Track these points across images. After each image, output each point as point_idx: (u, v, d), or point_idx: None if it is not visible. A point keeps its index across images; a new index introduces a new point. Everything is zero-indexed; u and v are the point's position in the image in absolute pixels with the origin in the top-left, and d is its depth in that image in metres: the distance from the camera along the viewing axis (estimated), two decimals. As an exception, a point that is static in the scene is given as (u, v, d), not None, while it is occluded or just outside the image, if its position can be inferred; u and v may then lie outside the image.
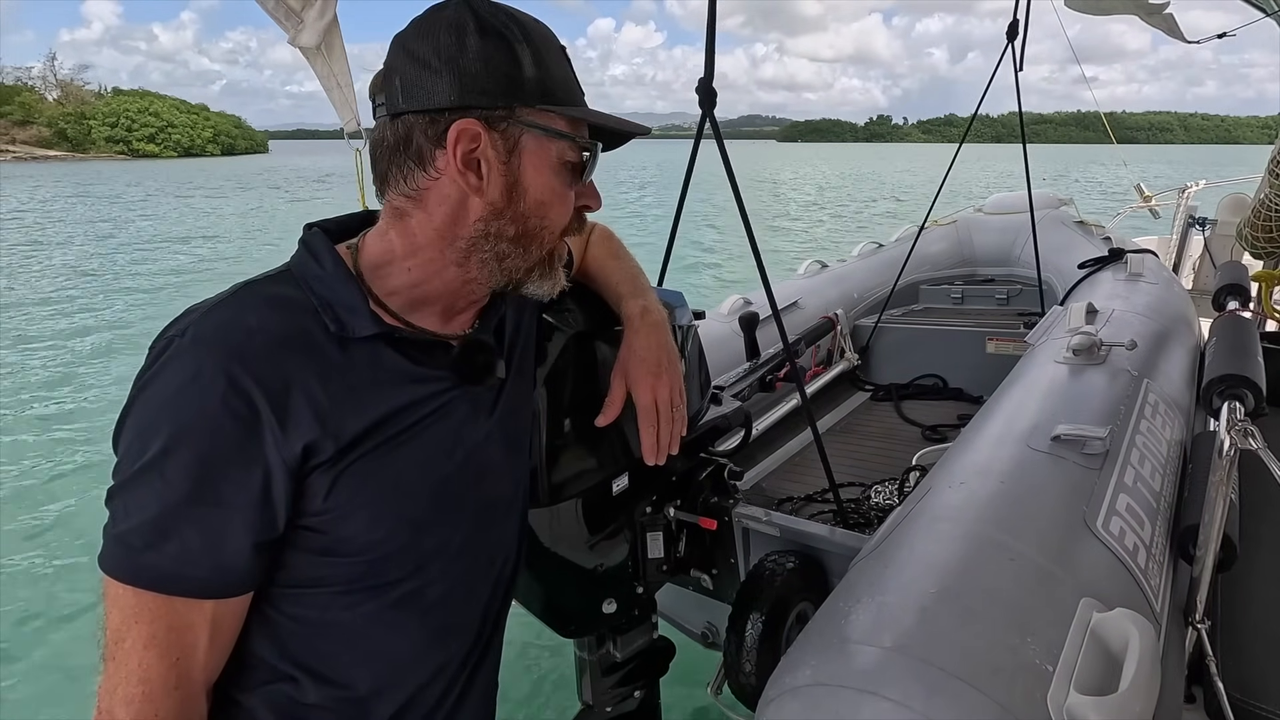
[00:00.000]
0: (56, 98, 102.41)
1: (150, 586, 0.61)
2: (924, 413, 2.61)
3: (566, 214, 0.75)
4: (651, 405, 0.92)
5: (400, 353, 0.72)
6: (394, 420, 0.70)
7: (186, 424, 0.60)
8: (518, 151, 0.70)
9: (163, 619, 0.62)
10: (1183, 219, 5.11)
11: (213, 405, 0.61)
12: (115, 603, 0.62)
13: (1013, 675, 0.70)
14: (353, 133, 1.78)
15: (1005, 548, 0.90)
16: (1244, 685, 1.08)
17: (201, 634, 0.64)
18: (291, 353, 0.65)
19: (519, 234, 0.72)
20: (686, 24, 69.17)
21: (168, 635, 0.62)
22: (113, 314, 8.76)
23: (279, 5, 1.56)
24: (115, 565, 0.62)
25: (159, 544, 0.61)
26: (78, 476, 4.40)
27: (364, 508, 0.69)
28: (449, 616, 0.79)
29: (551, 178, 0.72)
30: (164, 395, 0.61)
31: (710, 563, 1.31)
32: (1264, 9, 3.05)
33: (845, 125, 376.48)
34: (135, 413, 0.62)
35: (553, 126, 0.71)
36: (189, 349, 0.62)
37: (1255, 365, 1.32)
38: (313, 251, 0.72)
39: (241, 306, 0.66)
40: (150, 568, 0.61)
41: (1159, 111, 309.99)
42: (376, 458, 0.69)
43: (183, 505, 0.61)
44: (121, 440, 0.63)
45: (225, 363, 0.61)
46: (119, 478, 0.62)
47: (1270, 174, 2.28)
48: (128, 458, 0.62)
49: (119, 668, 0.62)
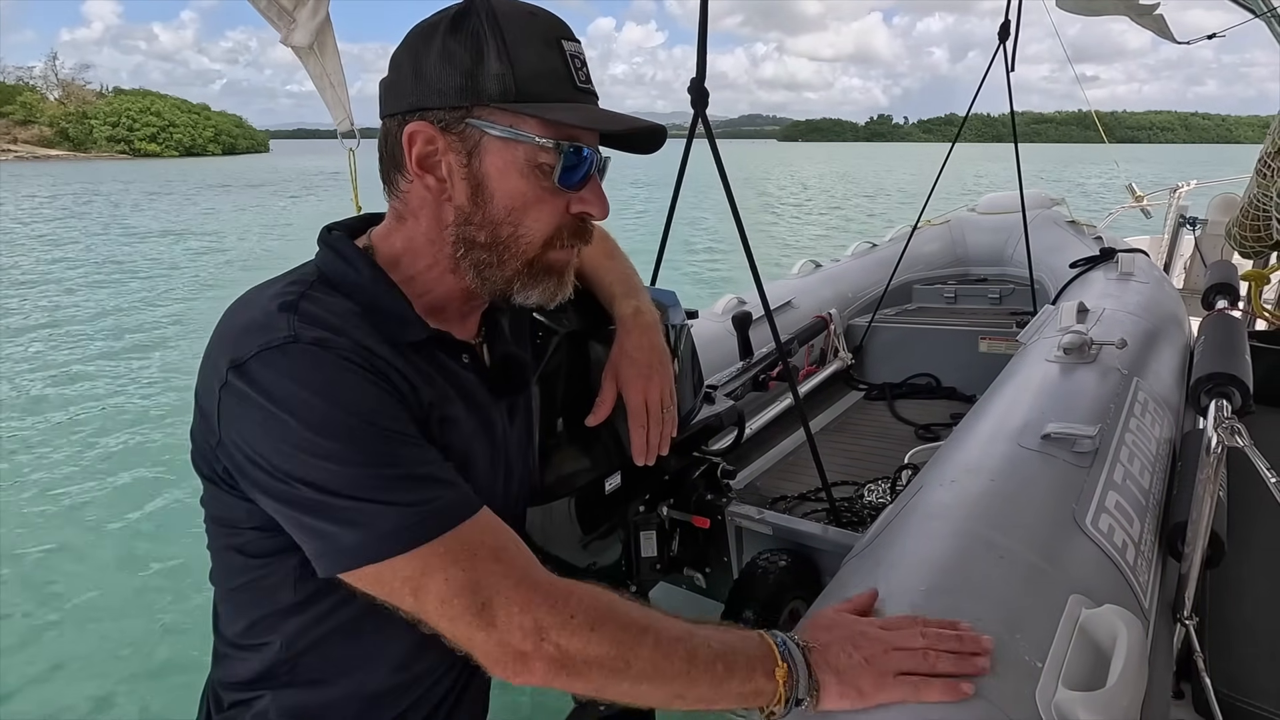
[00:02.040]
0: (58, 97, 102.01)
1: (468, 514, 0.62)
2: (917, 412, 2.62)
3: (549, 221, 0.70)
4: (642, 406, 0.93)
5: (449, 356, 0.73)
6: (452, 425, 0.71)
7: (365, 404, 0.61)
8: (479, 154, 0.67)
9: (484, 532, 0.63)
10: (1174, 218, 5.14)
11: (377, 383, 0.62)
12: (447, 558, 0.61)
13: (1002, 671, 0.70)
14: (346, 132, 1.78)
15: (995, 545, 0.90)
16: (1232, 681, 1.09)
17: (501, 525, 0.66)
18: (380, 346, 0.66)
19: (490, 241, 0.69)
20: (687, 23, 68.95)
21: (495, 538, 0.63)
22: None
23: (271, 4, 1.55)
24: (426, 527, 0.60)
25: (432, 488, 0.62)
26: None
27: None
28: None
29: (519, 181, 0.67)
30: (324, 390, 0.60)
31: (703, 561, 1.31)
32: (1253, 10, 3.08)
33: (846, 125, 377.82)
34: (307, 419, 0.59)
35: (516, 128, 0.66)
36: (315, 347, 0.61)
37: (1243, 363, 1.33)
38: (343, 256, 0.70)
39: (316, 313, 0.64)
40: (449, 506, 0.62)
41: (1160, 111, 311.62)
42: (448, 452, 0.69)
43: (417, 458, 0.62)
44: (312, 450, 0.59)
45: (358, 353, 0.63)
46: (346, 472, 0.60)
47: (1258, 174, 2.30)
48: (340, 453, 0.59)
49: (498, 595, 0.61)
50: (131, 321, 8.27)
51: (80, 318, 8.41)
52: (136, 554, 3.54)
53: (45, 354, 6.95)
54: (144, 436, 5.02)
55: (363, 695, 0.73)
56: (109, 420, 5.28)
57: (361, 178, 1.68)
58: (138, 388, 6.03)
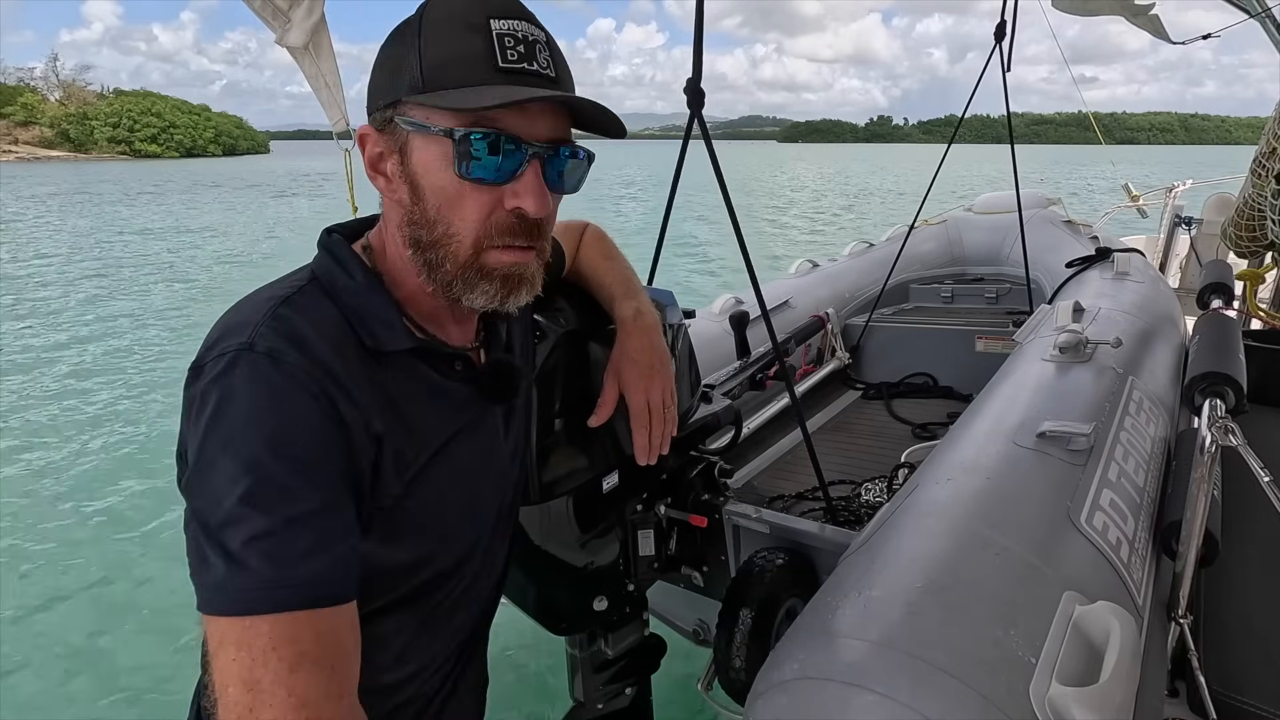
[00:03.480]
0: (59, 98, 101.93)
1: (291, 607, 0.55)
2: (914, 411, 2.63)
3: (474, 218, 0.65)
4: (644, 407, 0.93)
5: (431, 367, 0.71)
6: (434, 436, 0.70)
7: (289, 433, 0.57)
8: (408, 151, 0.65)
9: (308, 632, 0.55)
10: (1169, 218, 5.16)
11: (310, 411, 0.58)
12: (240, 644, 0.54)
13: (996, 667, 0.71)
14: (341, 133, 1.78)
15: (990, 542, 0.91)
16: (1226, 679, 1.10)
17: (349, 635, 0.59)
18: (348, 366, 0.63)
19: (430, 241, 0.66)
20: (686, 24, 69.37)
21: (317, 647, 0.56)
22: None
23: (266, 5, 1.55)
24: (246, 600, 0.54)
25: (296, 560, 0.55)
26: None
27: (408, 521, 0.68)
28: (457, 619, 0.80)
29: (441, 176, 0.64)
30: (254, 410, 0.56)
31: (701, 560, 1.32)
32: (1248, 10, 3.09)
33: (846, 126, 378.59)
34: (220, 434, 0.56)
35: (428, 121, 0.63)
36: (267, 360, 0.58)
37: (1237, 363, 1.34)
38: (339, 260, 0.69)
39: (291, 320, 0.62)
40: (290, 588, 0.55)
41: (1159, 112, 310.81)
42: (424, 472, 0.68)
43: (312, 514, 0.57)
44: (207, 466, 0.56)
45: (310, 372, 0.59)
46: (219, 508, 0.55)
47: (1253, 174, 2.31)
48: (228, 484, 0.55)
49: (258, 713, 0.53)
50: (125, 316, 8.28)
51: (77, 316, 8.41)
52: (121, 555, 3.54)
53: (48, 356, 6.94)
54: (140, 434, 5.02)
55: (361, 690, 0.73)
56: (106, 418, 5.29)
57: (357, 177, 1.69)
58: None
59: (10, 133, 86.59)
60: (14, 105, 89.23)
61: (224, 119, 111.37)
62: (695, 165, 1.49)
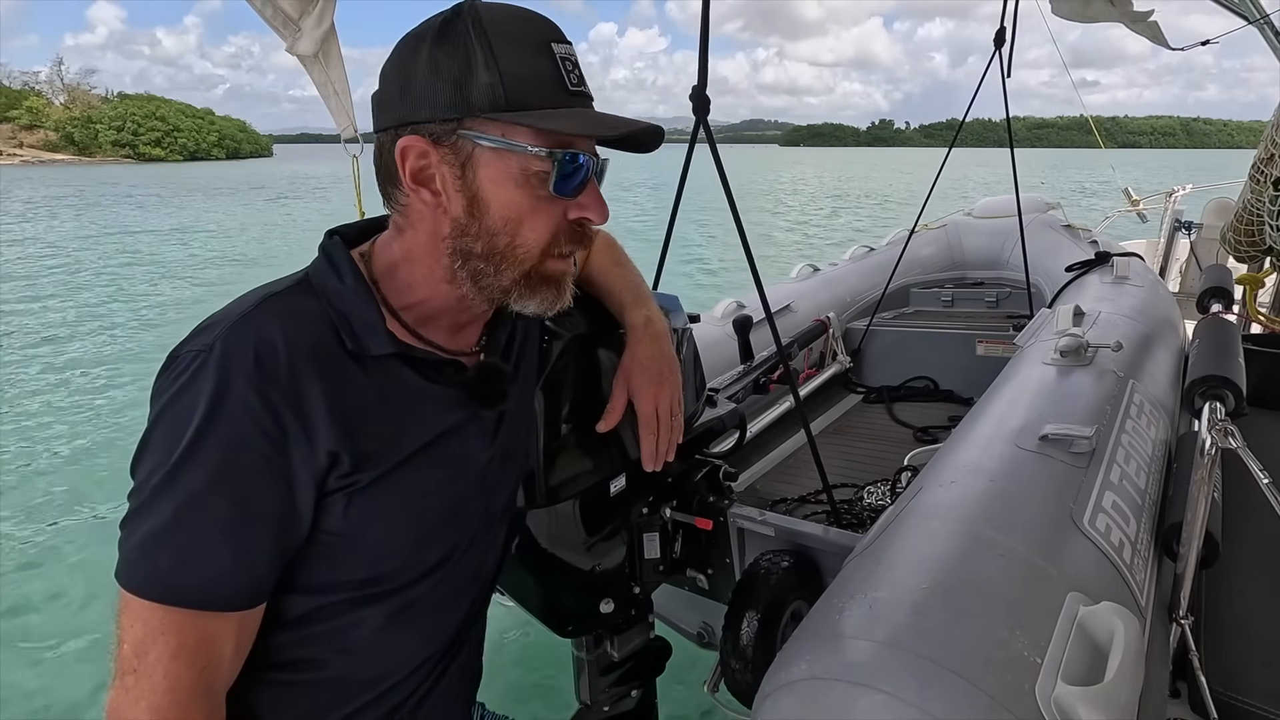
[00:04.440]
0: (64, 102, 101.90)
1: (181, 604, 0.61)
2: (915, 414, 2.64)
3: (546, 230, 0.69)
4: (652, 414, 0.94)
5: (415, 371, 0.72)
6: (410, 439, 0.71)
7: (217, 441, 0.60)
8: (472, 165, 0.66)
9: (191, 631, 0.61)
10: (1169, 223, 5.17)
11: (243, 422, 0.60)
12: (137, 617, 0.61)
13: (1002, 667, 0.72)
14: (349, 139, 1.79)
15: (994, 544, 0.92)
16: (1227, 680, 1.11)
17: (228, 642, 0.64)
18: (315, 368, 0.65)
19: (488, 251, 0.68)
20: (688, 28, 68.49)
21: (196, 646, 0.62)
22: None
23: (276, 13, 1.56)
24: (142, 583, 0.60)
25: (192, 561, 0.60)
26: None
27: (378, 523, 0.69)
28: (439, 618, 0.80)
29: (515, 192, 0.66)
30: (192, 412, 0.60)
31: (706, 563, 1.32)
32: (1246, 16, 3.11)
33: (847, 129, 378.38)
34: (161, 429, 0.61)
35: (508, 138, 0.65)
36: (215, 365, 0.61)
37: (1236, 366, 1.35)
38: (333, 262, 0.70)
39: (264, 321, 0.64)
40: (182, 586, 0.60)
41: (1161, 116, 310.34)
42: (395, 476, 0.69)
43: (215, 523, 0.60)
44: (146, 456, 0.61)
45: (254, 378, 0.61)
46: (144, 493, 0.61)
47: (1251, 179, 2.32)
48: (154, 473, 0.60)
49: (142, 679, 0.61)
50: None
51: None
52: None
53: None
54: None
55: (339, 687, 0.74)
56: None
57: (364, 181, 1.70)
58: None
59: (15, 136, 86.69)
60: (19, 109, 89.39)
61: (227, 123, 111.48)
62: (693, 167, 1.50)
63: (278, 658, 0.71)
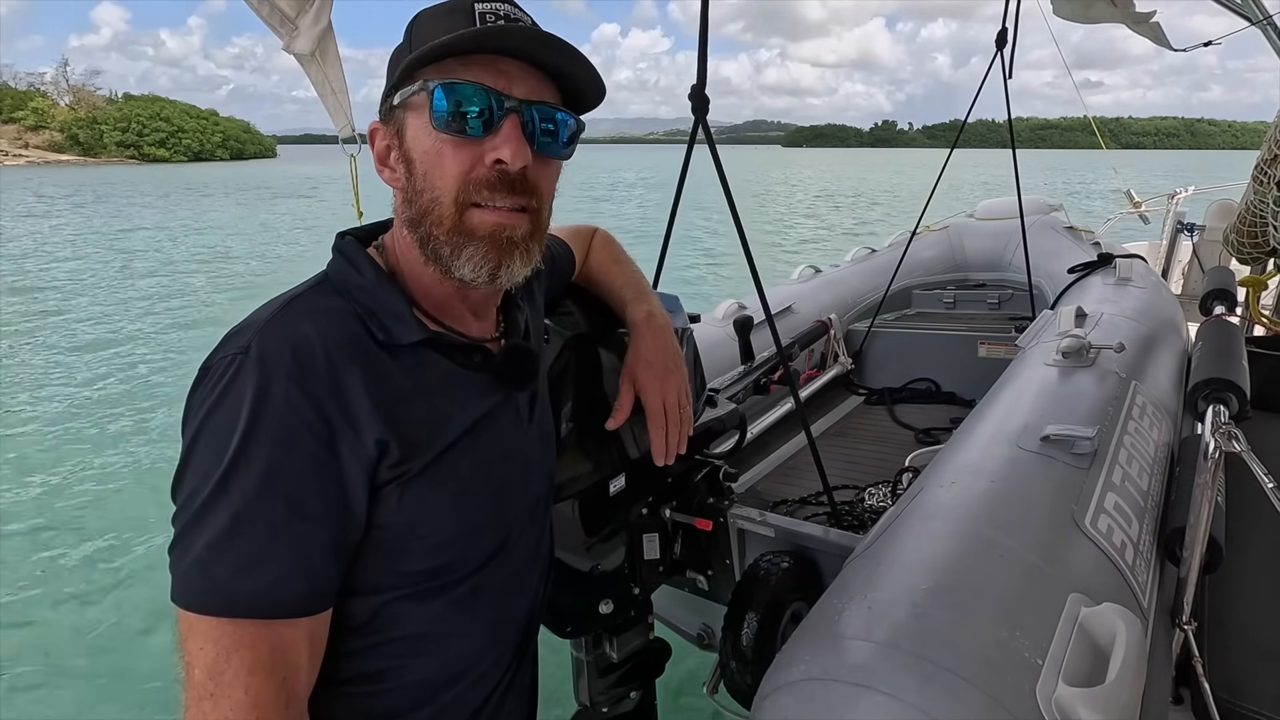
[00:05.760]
0: (69, 103, 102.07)
1: (249, 614, 0.58)
2: (917, 416, 2.63)
3: (454, 173, 0.65)
4: (660, 409, 0.94)
5: (447, 357, 0.72)
6: (452, 426, 0.71)
7: (266, 440, 0.58)
8: (403, 129, 0.67)
9: (264, 642, 0.59)
10: (1172, 224, 5.16)
11: (290, 419, 0.59)
12: (206, 638, 0.58)
13: (1003, 668, 0.71)
14: (347, 138, 1.79)
15: (996, 545, 0.91)
16: (1231, 686, 1.10)
17: (303, 649, 0.62)
18: (353, 363, 0.64)
19: (420, 215, 0.67)
20: (690, 29, 70.35)
21: (271, 657, 0.59)
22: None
23: (273, 12, 1.56)
24: (203, 599, 0.58)
25: (252, 570, 0.58)
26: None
27: (432, 512, 0.69)
28: (504, 610, 0.80)
29: (425, 139, 0.66)
30: (236, 415, 0.58)
31: (705, 564, 1.32)
32: (1249, 17, 3.10)
33: (850, 130, 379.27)
34: (205, 438, 0.59)
35: (412, 86, 0.65)
36: (255, 366, 0.60)
37: (1240, 369, 1.34)
38: (350, 259, 0.70)
39: (295, 320, 0.64)
40: (246, 596, 0.58)
41: (1165, 117, 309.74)
42: (442, 463, 0.69)
43: (272, 526, 0.59)
44: (190, 470, 0.59)
45: (295, 374, 0.60)
46: (194, 504, 0.58)
47: (1254, 180, 2.32)
48: (202, 485, 0.58)
49: (221, 702, 0.58)
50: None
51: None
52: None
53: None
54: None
55: (421, 690, 0.73)
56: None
57: (362, 183, 1.70)
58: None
59: (21, 137, 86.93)
60: (25, 110, 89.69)
61: (231, 123, 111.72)
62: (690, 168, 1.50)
63: (354, 669, 0.70)
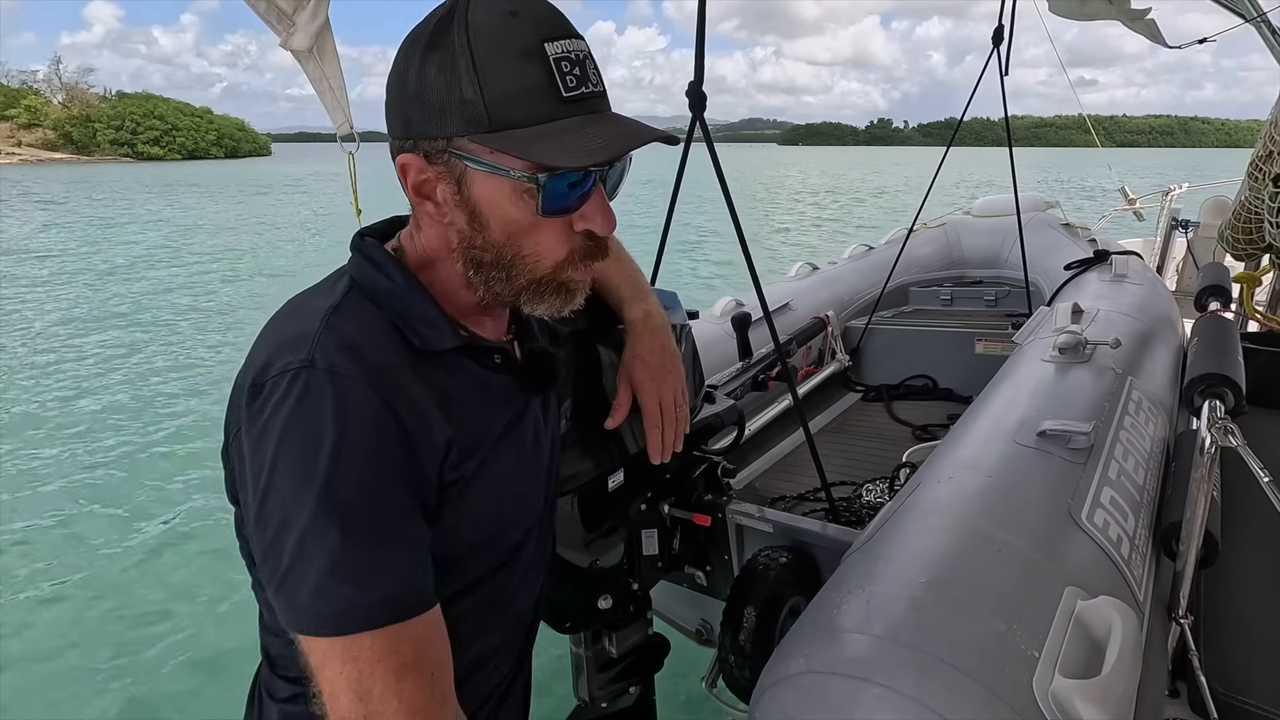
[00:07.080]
0: (62, 101, 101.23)
1: (385, 621, 0.57)
2: (914, 413, 2.64)
3: (554, 243, 0.66)
4: (656, 408, 0.95)
5: (477, 362, 0.72)
6: (492, 430, 0.71)
7: (358, 450, 0.58)
8: (466, 183, 0.64)
9: (404, 644, 0.58)
10: (1166, 221, 5.18)
11: (374, 424, 0.59)
12: (346, 659, 0.56)
13: (1000, 660, 0.71)
14: (345, 136, 1.79)
15: (993, 539, 0.92)
16: (1227, 680, 1.10)
17: (438, 641, 0.62)
18: (404, 369, 0.64)
19: (496, 261, 0.67)
20: (685, 27, 67.71)
21: (415, 656, 0.58)
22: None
23: (270, 8, 1.56)
24: (342, 621, 0.56)
25: (379, 577, 0.57)
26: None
27: (473, 515, 0.69)
28: (519, 606, 0.82)
29: (511, 210, 0.64)
30: (320, 428, 0.57)
31: (704, 559, 1.32)
32: (1243, 14, 3.11)
33: (846, 129, 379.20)
34: (287, 455, 0.57)
35: (494, 162, 0.62)
36: (327, 376, 0.58)
37: (1235, 364, 1.34)
38: (376, 264, 0.69)
39: (345, 328, 0.62)
40: (379, 603, 0.57)
41: (1159, 115, 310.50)
42: (487, 466, 0.70)
43: (383, 532, 0.58)
44: (274, 488, 0.57)
45: (367, 379, 0.60)
46: (295, 530, 0.56)
47: (1249, 177, 2.33)
48: (298, 505, 0.56)
49: (376, 719, 0.56)
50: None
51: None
52: (178, 544, 3.63)
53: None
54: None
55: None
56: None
57: (360, 179, 1.70)
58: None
59: (14, 135, 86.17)
60: (18, 108, 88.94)
61: (226, 121, 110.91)
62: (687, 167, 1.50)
63: None
